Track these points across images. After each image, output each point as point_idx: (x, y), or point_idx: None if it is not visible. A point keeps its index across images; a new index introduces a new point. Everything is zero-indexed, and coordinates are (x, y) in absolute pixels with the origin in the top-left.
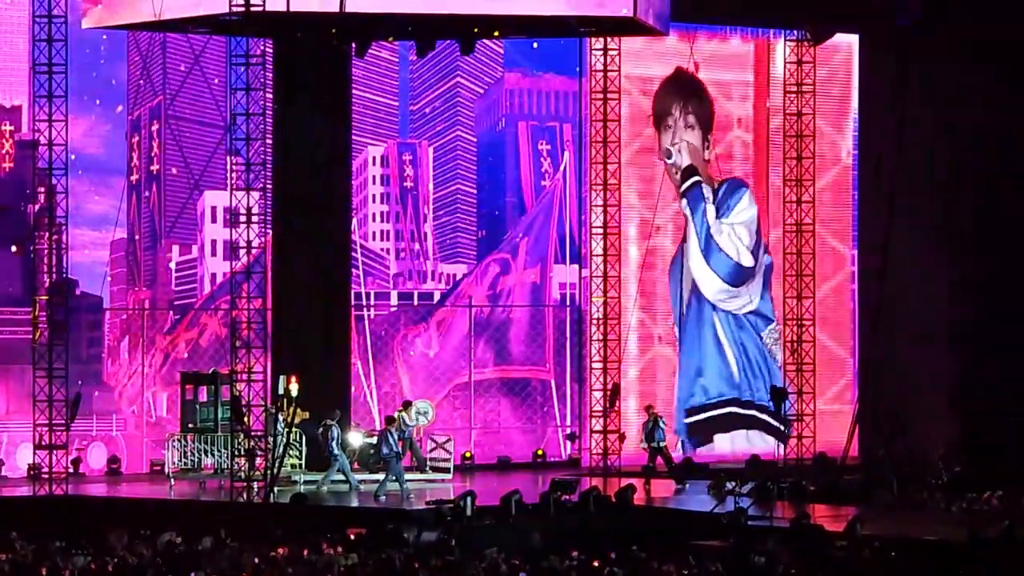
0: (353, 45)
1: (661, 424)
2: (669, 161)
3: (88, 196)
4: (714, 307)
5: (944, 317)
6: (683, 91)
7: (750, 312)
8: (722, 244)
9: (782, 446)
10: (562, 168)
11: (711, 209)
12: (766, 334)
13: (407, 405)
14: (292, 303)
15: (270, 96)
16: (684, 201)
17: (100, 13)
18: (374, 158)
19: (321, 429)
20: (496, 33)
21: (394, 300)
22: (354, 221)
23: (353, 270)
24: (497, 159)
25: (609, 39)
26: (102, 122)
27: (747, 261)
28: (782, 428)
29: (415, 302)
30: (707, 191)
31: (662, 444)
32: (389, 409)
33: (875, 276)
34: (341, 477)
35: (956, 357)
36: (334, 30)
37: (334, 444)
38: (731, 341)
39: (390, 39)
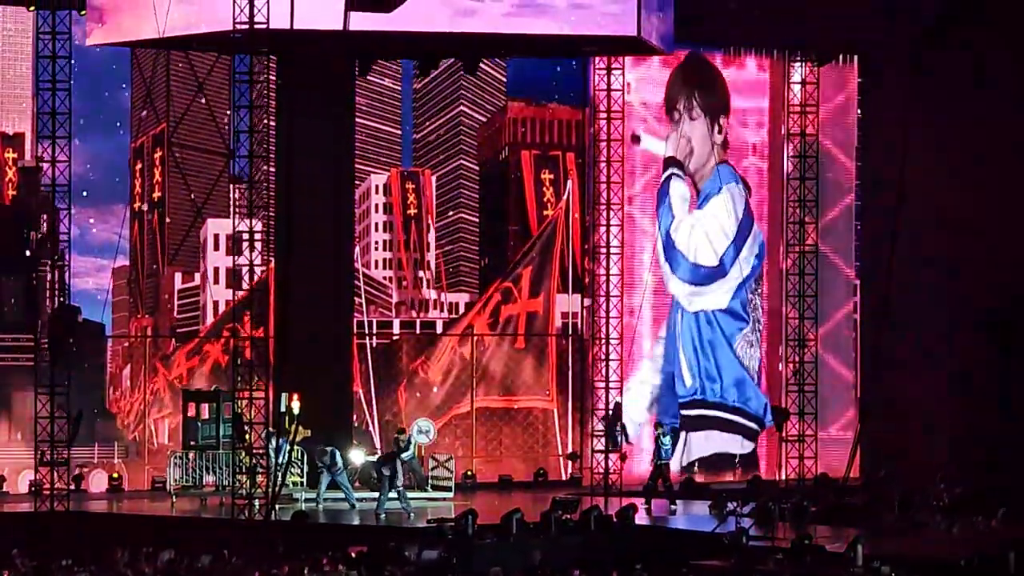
0: (356, 63)
1: (662, 441)
2: (639, 148)
3: (90, 223)
4: (682, 308)
5: (945, 340)
6: (692, 80)
7: (720, 310)
8: (678, 242)
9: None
10: (565, 197)
11: (679, 203)
12: (739, 337)
13: (400, 432)
14: (294, 330)
15: (272, 120)
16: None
17: (104, 31)
18: (377, 186)
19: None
20: (501, 52)
21: (396, 329)
22: (356, 249)
23: (355, 298)
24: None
25: (613, 60)
26: (105, 149)
27: (707, 260)
28: (754, 426)
29: (417, 330)
30: (681, 185)
31: (660, 463)
32: (390, 436)
33: (879, 306)
34: (338, 494)
35: (959, 376)
36: (337, 48)
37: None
38: (687, 341)
39: (393, 58)
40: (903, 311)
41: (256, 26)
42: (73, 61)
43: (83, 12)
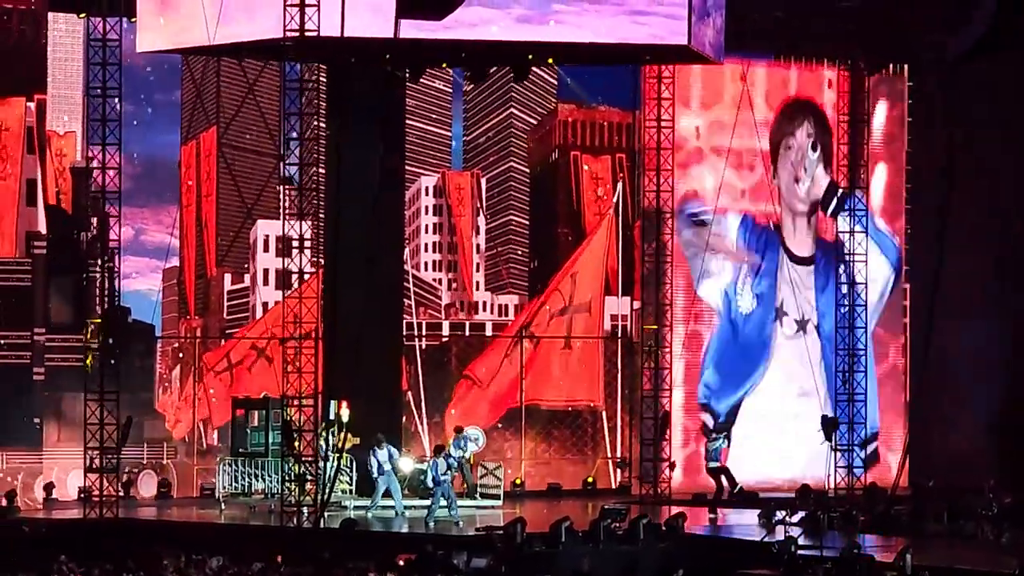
0: (407, 71)
1: (708, 447)
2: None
3: (145, 224)
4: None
5: (995, 339)
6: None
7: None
8: None
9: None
10: (615, 199)
11: None
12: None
13: (459, 431)
14: (344, 332)
15: (323, 124)
16: None
17: (154, 37)
18: (427, 188)
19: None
20: (550, 60)
21: (446, 330)
22: (406, 251)
23: (405, 300)
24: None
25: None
26: (155, 150)
27: None
28: None
29: (466, 332)
30: None
31: (710, 465)
32: (440, 439)
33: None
34: (389, 501)
35: (1006, 384)
36: (388, 56)
37: (375, 468)
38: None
39: (444, 65)
40: (951, 316)
41: (306, 34)
42: (127, 60)
43: (133, 19)
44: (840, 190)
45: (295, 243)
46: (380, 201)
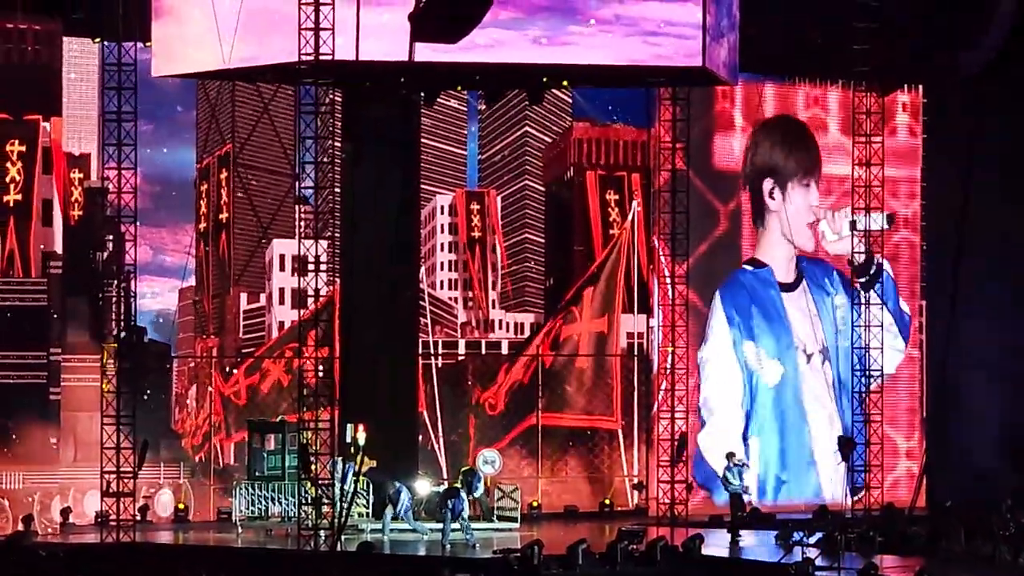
0: (422, 94)
1: (727, 473)
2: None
3: (163, 243)
4: None
5: (1009, 365)
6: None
7: None
8: None
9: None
10: (630, 217)
11: None
12: None
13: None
14: (359, 352)
15: (338, 144)
16: None
17: (169, 62)
18: (442, 207)
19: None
20: (565, 83)
21: (462, 349)
22: (422, 270)
23: (421, 319)
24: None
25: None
26: (171, 170)
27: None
28: None
29: (482, 351)
30: None
31: (731, 491)
32: (456, 459)
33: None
34: (405, 525)
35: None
36: (403, 79)
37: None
38: None
39: (459, 88)
40: (970, 337)
41: (321, 57)
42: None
43: (148, 44)
44: (875, 263)
45: (311, 263)
46: (401, 219)
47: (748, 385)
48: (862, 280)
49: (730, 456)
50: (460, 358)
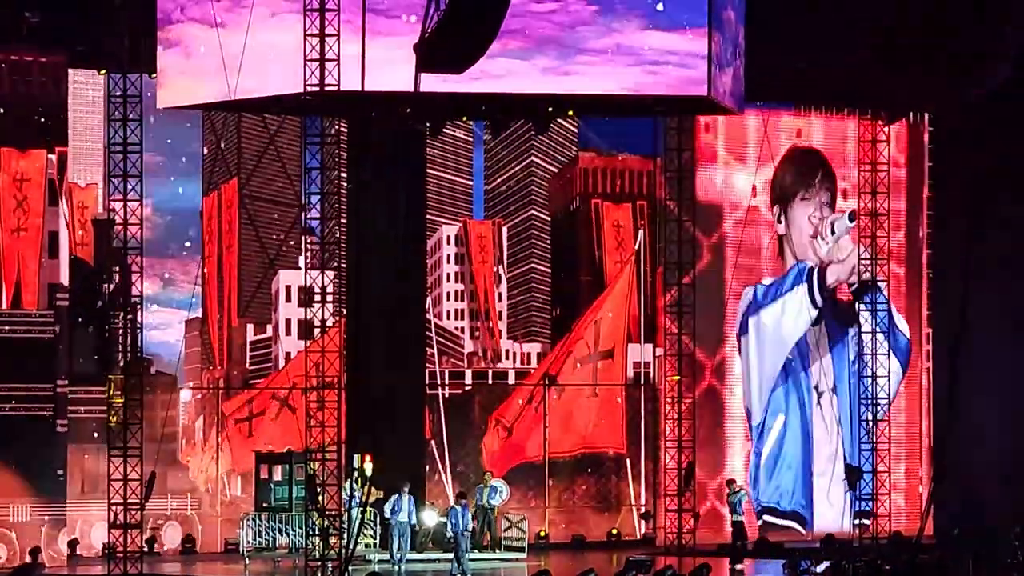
0: (427, 124)
1: (729, 499)
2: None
3: (174, 275)
4: None
5: (1015, 391)
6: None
7: None
8: None
9: None
10: (636, 246)
11: None
12: None
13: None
14: (367, 381)
15: (344, 175)
16: None
17: (174, 93)
18: (448, 237)
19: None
20: (570, 112)
21: (468, 379)
22: (428, 300)
23: (428, 349)
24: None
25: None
26: (182, 201)
27: None
28: None
29: (490, 381)
30: None
31: (734, 519)
32: (464, 487)
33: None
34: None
35: None
36: (408, 110)
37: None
38: None
39: (464, 119)
40: (976, 361)
41: (327, 88)
42: (151, 118)
43: (153, 75)
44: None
45: (317, 294)
46: (407, 248)
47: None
48: (854, 289)
49: (731, 483)
50: (467, 388)
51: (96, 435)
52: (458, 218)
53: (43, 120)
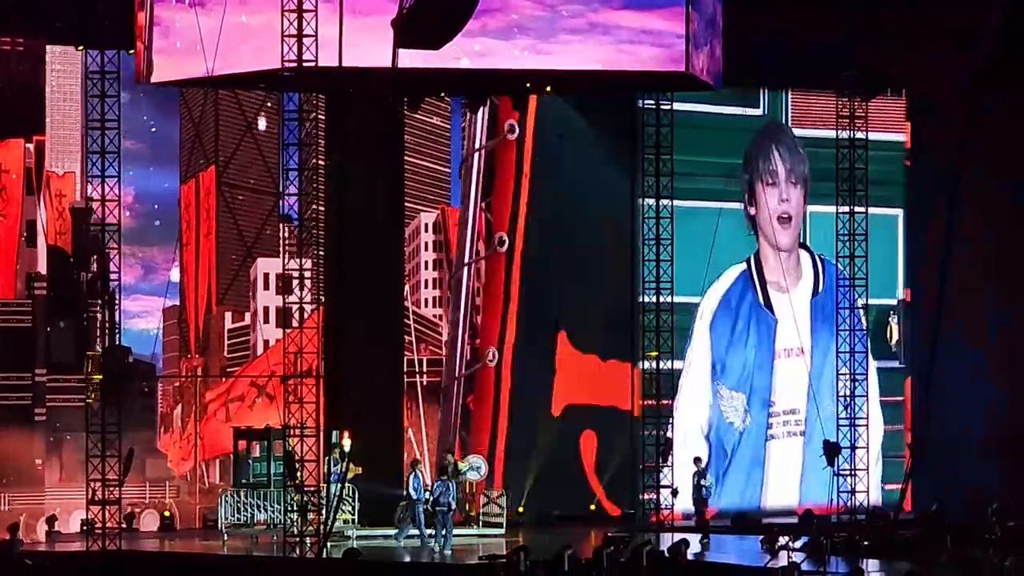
0: (405, 100)
1: (701, 483)
2: None
3: (140, 263)
4: None
5: (996, 360)
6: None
7: None
8: None
9: None
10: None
11: None
12: None
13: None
14: (345, 368)
15: (321, 155)
16: None
17: (153, 71)
18: (426, 224)
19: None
20: (548, 89)
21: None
22: (407, 287)
23: (406, 337)
24: None
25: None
26: (154, 189)
27: None
28: None
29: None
30: None
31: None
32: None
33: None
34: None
35: (1010, 409)
36: (385, 86)
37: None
38: None
39: (442, 94)
40: (954, 337)
41: (304, 64)
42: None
43: (131, 51)
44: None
45: (295, 277)
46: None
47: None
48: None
49: (697, 461)
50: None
51: (74, 424)
52: (436, 205)
53: (21, 109)
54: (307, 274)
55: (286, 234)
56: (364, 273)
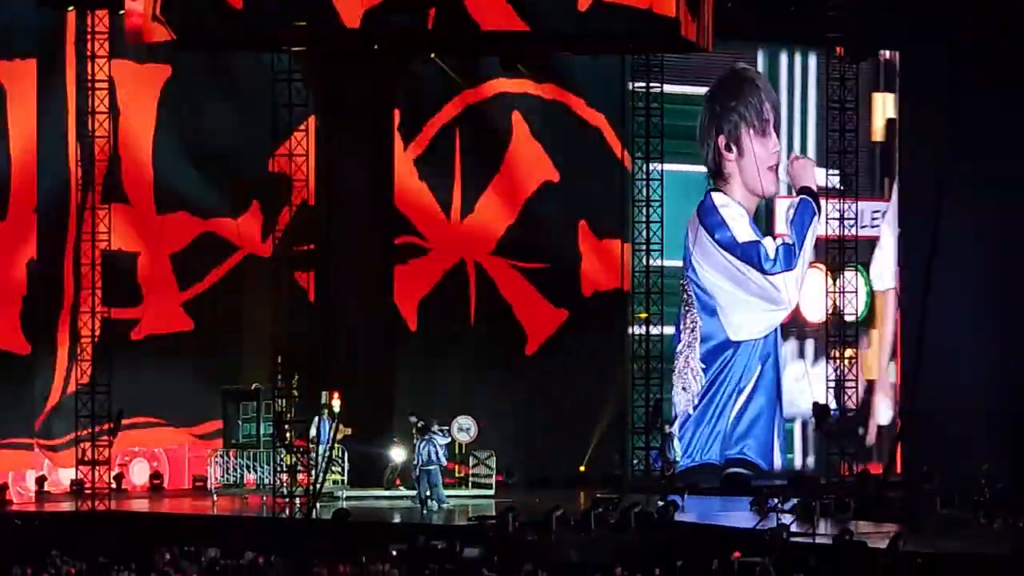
0: (396, 61)
1: (670, 443)
2: None
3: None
4: None
5: (985, 332)
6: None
7: None
8: None
9: None
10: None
11: None
12: None
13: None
14: (336, 322)
15: (312, 122)
16: None
17: (142, 32)
18: None
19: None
20: (537, 49)
21: None
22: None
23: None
24: None
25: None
26: None
27: None
28: None
29: None
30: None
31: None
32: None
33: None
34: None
35: (999, 373)
36: (375, 46)
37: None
38: None
39: (432, 55)
40: (946, 300)
41: (296, 25)
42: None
43: (121, 12)
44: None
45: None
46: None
47: None
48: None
49: (663, 425)
50: None
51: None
52: None
53: None
54: None
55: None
56: (355, 225)
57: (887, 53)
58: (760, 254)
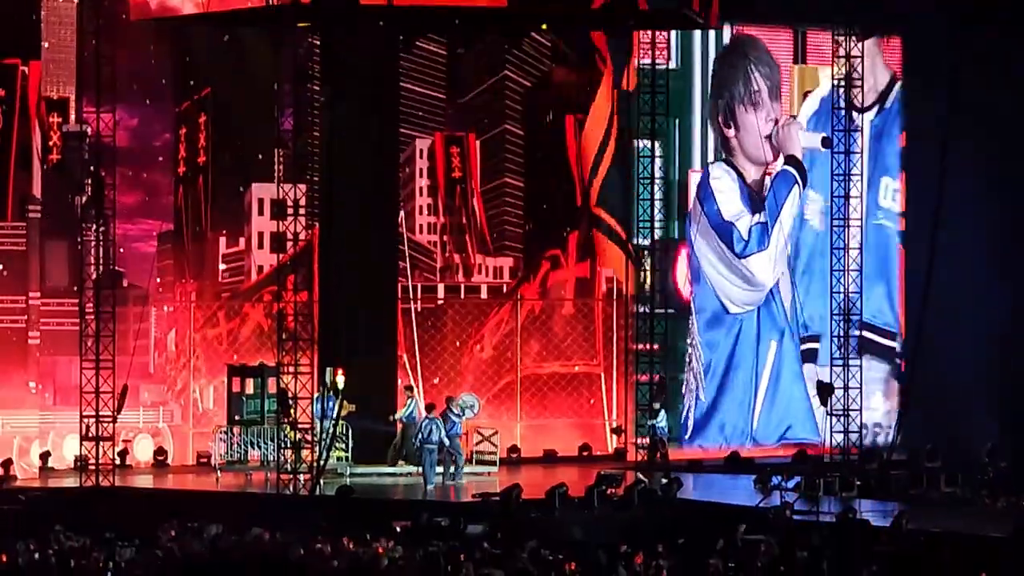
0: (401, 38)
1: (656, 424)
2: None
3: (135, 187)
4: None
5: (989, 310)
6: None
7: None
8: None
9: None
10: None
11: None
12: None
13: (450, 400)
14: (338, 296)
15: (317, 88)
16: None
17: (147, 6)
18: (421, 151)
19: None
20: (544, 26)
21: (441, 293)
22: (401, 214)
23: (400, 263)
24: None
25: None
26: (150, 113)
27: None
28: None
29: (462, 296)
30: None
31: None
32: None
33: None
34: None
35: (1002, 351)
36: (381, 22)
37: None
38: None
39: (434, 32)
40: (951, 274)
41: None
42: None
43: None
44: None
45: (289, 207)
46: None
47: None
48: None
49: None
50: (439, 302)
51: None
52: (431, 132)
53: (15, 31)
54: (302, 200)
55: (280, 160)
56: (359, 199)
57: None
58: (733, 236)
